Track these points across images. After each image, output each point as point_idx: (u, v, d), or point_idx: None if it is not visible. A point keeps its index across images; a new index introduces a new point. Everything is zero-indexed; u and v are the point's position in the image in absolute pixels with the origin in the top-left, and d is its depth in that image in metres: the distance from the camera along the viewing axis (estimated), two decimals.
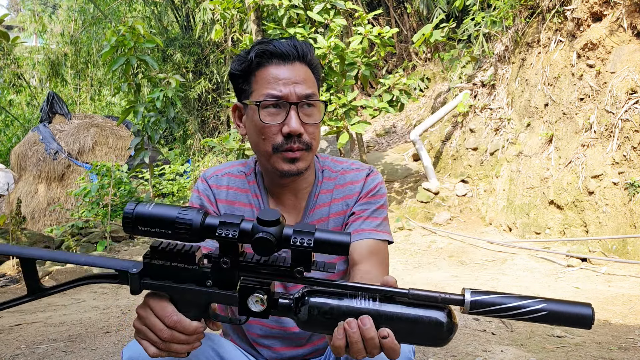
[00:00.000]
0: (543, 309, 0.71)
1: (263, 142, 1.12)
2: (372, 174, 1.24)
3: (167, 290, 0.80)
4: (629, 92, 4.36)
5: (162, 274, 0.80)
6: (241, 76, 1.14)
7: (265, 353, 1.23)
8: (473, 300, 0.73)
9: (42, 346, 2.82)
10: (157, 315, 0.79)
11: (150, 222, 0.75)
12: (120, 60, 5.34)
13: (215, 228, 0.75)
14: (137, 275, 0.80)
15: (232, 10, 6.55)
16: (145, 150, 5.90)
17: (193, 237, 0.75)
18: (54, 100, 10.92)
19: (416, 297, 0.74)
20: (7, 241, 5.34)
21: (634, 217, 3.96)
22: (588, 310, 0.70)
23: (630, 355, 2.28)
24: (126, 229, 0.77)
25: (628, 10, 4.63)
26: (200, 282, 0.79)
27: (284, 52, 1.10)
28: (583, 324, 0.70)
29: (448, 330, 0.74)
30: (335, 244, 0.73)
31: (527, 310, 0.71)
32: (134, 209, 0.76)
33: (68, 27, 14.70)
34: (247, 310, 0.79)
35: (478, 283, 3.82)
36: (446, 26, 6.82)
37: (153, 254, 0.80)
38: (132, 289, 0.81)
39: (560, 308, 0.71)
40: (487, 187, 6.13)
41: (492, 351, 2.39)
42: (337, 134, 6.38)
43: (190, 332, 0.80)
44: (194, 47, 11.70)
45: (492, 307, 0.72)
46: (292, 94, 1.09)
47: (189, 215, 0.75)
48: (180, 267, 0.79)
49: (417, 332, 0.75)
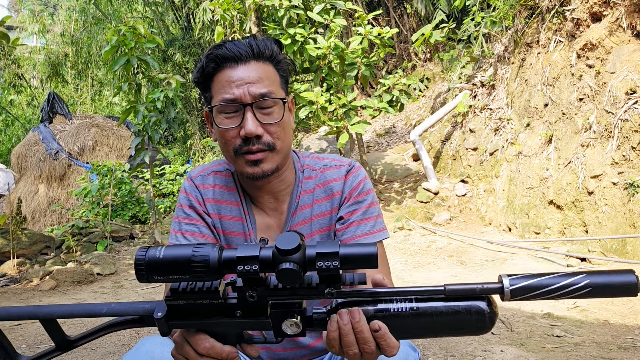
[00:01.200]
0: (587, 285, 0.68)
1: (225, 147, 1.10)
2: (353, 170, 1.19)
3: (197, 327, 0.78)
4: (628, 92, 4.36)
5: (189, 313, 0.77)
6: (201, 83, 1.12)
7: (263, 354, 1.22)
8: (513, 288, 0.70)
9: (42, 346, 2.83)
10: (189, 344, 0.78)
11: (164, 269, 0.72)
12: (121, 61, 5.34)
13: (234, 263, 0.71)
14: (163, 319, 0.77)
15: (232, 11, 6.56)
16: (145, 150, 5.90)
17: (212, 276, 0.72)
18: (54, 100, 10.93)
19: (453, 293, 0.73)
20: (8, 241, 5.34)
21: (633, 217, 3.97)
22: (632, 277, 0.68)
23: (630, 354, 2.29)
24: (140, 279, 0.73)
25: (627, 10, 4.64)
26: (229, 315, 0.77)
27: (236, 54, 1.06)
28: (629, 292, 0.68)
29: (490, 319, 0.73)
30: (362, 258, 0.70)
31: (572, 289, 0.69)
32: (146, 256, 0.72)
33: (68, 27, 14.71)
34: (282, 333, 0.77)
35: None
36: (446, 26, 6.83)
37: (175, 295, 0.77)
38: (161, 332, 0.79)
39: (604, 280, 0.69)
40: (486, 187, 6.14)
41: (491, 351, 2.39)
42: (337, 134, 6.38)
43: (224, 358, 0.78)
44: (194, 48, 11.71)
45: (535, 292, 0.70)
46: (246, 95, 1.05)
47: (204, 253, 0.71)
48: (205, 303, 0.76)
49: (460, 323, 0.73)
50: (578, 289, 0.69)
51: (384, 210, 6.28)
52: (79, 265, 5.00)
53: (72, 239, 5.84)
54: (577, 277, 0.69)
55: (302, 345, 1.21)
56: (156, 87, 5.88)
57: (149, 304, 0.80)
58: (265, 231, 1.19)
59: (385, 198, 6.64)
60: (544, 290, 0.69)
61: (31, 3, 17.28)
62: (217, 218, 1.20)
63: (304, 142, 9.42)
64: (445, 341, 2.55)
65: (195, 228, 1.18)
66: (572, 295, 0.69)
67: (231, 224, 1.19)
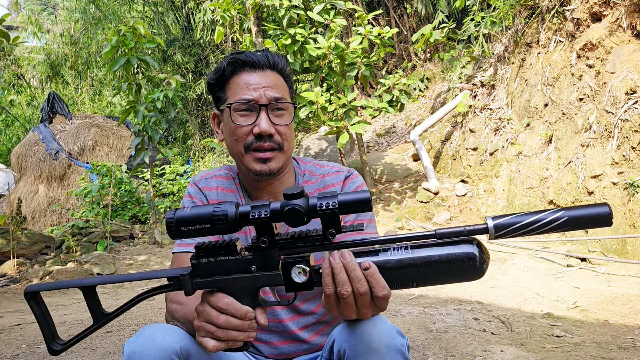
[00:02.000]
0: (562, 216, 0.73)
1: (236, 143, 1.19)
2: (352, 176, 1.28)
3: (217, 284, 0.86)
4: (628, 92, 4.36)
5: (210, 271, 0.86)
6: (217, 84, 1.23)
7: (265, 349, 1.25)
8: (496, 224, 0.75)
9: (42, 346, 2.83)
10: (210, 304, 0.85)
11: (190, 222, 0.82)
12: (121, 61, 5.34)
13: (248, 214, 0.81)
14: (188, 277, 0.86)
15: (232, 12, 6.55)
16: (145, 150, 5.90)
17: (230, 226, 0.82)
18: (54, 100, 10.92)
19: (443, 235, 0.79)
20: (8, 241, 5.34)
21: (633, 217, 3.97)
22: (605, 208, 0.73)
23: (630, 355, 2.29)
24: (171, 234, 0.84)
25: (627, 10, 4.64)
26: (246, 270, 0.85)
27: (255, 61, 1.19)
28: (603, 222, 0.73)
29: (481, 261, 0.78)
30: (358, 202, 0.78)
31: (548, 220, 0.73)
32: (175, 215, 0.83)
33: (68, 28, 14.71)
34: (292, 285, 0.84)
35: (477, 282, 3.83)
36: (446, 26, 6.83)
37: (198, 253, 0.86)
38: (186, 290, 0.87)
39: (580, 213, 0.73)
40: (486, 187, 6.14)
41: (491, 351, 2.39)
42: (337, 134, 6.38)
43: (242, 315, 0.84)
44: (194, 48, 11.71)
45: (515, 226, 0.75)
46: (262, 97, 1.16)
47: (223, 208, 0.82)
48: (225, 260, 0.86)
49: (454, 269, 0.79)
50: (553, 221, 0.73)
51: (384, 210, 6.28)
52: (79, 265, 5.00)
53: (72, 239, 5.84)
54: (556, 213, 0.74)
55: (301, 339, 1.24)
56: (156, 87, 5.88)
57: (175, 269, 0.89)
58: None
59: (385, 198, 6.64)
60: (524, 224, 0.74)
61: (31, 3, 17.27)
62: None
63: (304, 142, 9.42)
64: (445, 341, 2.55)
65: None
66: (552, 227, 0.73)
67: None
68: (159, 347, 0.94)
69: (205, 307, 0.85)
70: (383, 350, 0.93)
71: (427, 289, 3.70)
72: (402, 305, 3.29)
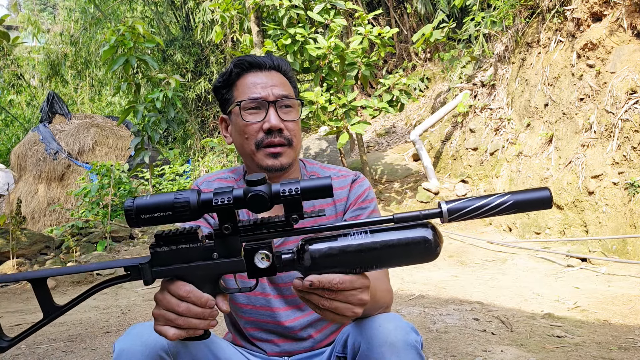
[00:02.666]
0: (508, 200, 0.79)
1: (247, 142, 1.21)
2: (359, 180, 1.30)
3: (178, 272, 0.84)
4: (629, 92, 4.36)
5: (171, 259, 0.84)
6: (224, 87, 1.27)
7: (267, 347, 1.25)
8: (449, 208, 0.80)
9: (42, 346, 2.82)
10: (170, 292, 0.83)
11: (150, 209, 0.80)
12: (120, 60, 5.34)
13: (210, 201, 0.81)
14: (147, 266, 0.84)
15: (232, 11, 6.55)
16: (145, 150, 5.90)
17: (192, 214, 0.81)
18: (54, 100, 10.92)
19: (401, 220, 0.82)
20: (8, 241, 5.34)
21: (633, 217, 3.96)
22: (546, 192, 0.79)
23: (630, 355, 2.28)
24: (130, 222, 0.81)
25: (628, 10, 4.63)
26: (207, 258, 0.84)
27: (261, 62, 1.24)
28: (544, 205, 0.80)
29: (435, 244, 0.82)
30: (319, 188, 0.80)
31: (495, 204, 0.79)
32: (134, 202, 0.81)
33: (68, 27, 14.70)
34: (255, 271, 0.84)
35: (478, 283, 3.82)
36: (446, 26, 6.82)
37: (158, 241, 0.84)
38: (145, 279, 0.85)
39: (523, 196, 0.79)
40: (487, 187, 6.13)
41: (492, 351, 2.39)
42: (337, 134, 6.38)
43: (203, 303, 0.83)
44: (194, 48, 11.70)
45: (466, 209, 0.80)
46: (270, 95, 1.20)
47: (185, 195, 0.81)
48: (186, 248, 0.84)
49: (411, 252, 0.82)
50: (500, 204, 0.79)
51: (385, 211, 6.28)
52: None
53: (71, 239, 5.83)
54: (503, 197, 0.80)
55: (302, 337, 1.24)
56: (155, 87, 5.87)
57: (134, 259, 0.86)
58: None
59: (385, 198, 6.64)
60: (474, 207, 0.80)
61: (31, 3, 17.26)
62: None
63: (304, 142, 9.41)
64: (445, 341, 2.55)
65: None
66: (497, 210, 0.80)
67: None
68: (146, 343, 0.95)
69: (164, 295, 0.84)
70: (399, 345, 0.95)
71: (428, 289, 3.70)
72: (402, 306, 3.28)
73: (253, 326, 1.24)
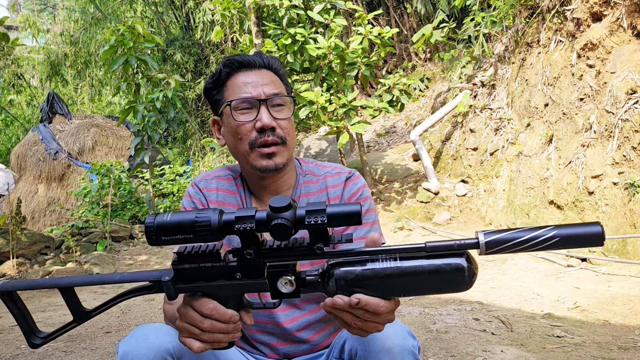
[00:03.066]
0: (555, 236, 0.72)
1: (240, 142, 1.19)
2: (353, 177, 1.28)
3: (200, 290, 0.84)
4: (629, 92, 4.36)
5: (193, 276, 0.83)
6: (214, 88, 1.25)
7: (267, 350, 1.24)
8: (488, 241, 0.74)
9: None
10: (194, 309, 0.83)
11: (171, 230, 0.79)
12: (120, 60, 5.34)
13: (232, 223, 0.78)
14: (170, 283, 0.83)
15: (232, 11, 6.55)
16: (145, 150, 5.90)
17: (213, 236, 0.79)
18: (54, 100, 10.92)
19: (434, 249, 0.77)
20: (8, 241, 5.34)
21: (634, 217, 3.96)
22: (598, 227, 0.72)
23: (630, 355, 2.29)
24: (150, 241, 0.80)
25: (628, 10, 4.63)
26: (230, 277, 0.83)
27: (250, 61, 1.22)
28: (595, 242, 0.72)
29: (470, 274, 0.77)
30: (347, 215, 0.76)
31: (541, 239, 0.73)
32: (154, 221, 0.79)
33: (68, 27, 14.70)
34: (278, 294, 0.82)
35: (478, 283, 3.81)
36: (446, 26, 6.82)
37: (181, 259, 0.83)
38: (168, 295, 0.84)
39: (571, 231, 0.73)
40: (487, 187, 6.13)
41: (492, 351, 2.39)
42: (337, 134, 6.38)
43: (227, 320, 0.83)
44: (194, 48, 11.70)
45: (507, 244, 0.74)
46: (261, 94, 1.18)
47: (206, 216, 0.79)
48: (208, 267, 0.83)
49: (442, 281, 0.77)
50: (547, 239, 0.73)
51: (385, 211, 6.28)
52: (79, 265, 5.00)
53: (71, 239, 5.83)
54: (545, 229, 0.73)
55: (301, 339, 1.23)
56: (155, 87, 5.87)
57: (157, 272, 0.85)
58: None
59: (385, 198, 6.64)
60: (516, 242, 0.73)
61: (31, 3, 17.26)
62: None
63: (304, 142, 9.41)
64: (445, 341, 2.55)
65: None
66: (542, 246, 0.73)
67: None
68: (151, 346, 0.94)
69: (188, 310, 0.84)
70: (395, 350, 0.94)
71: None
72: (402, 306, 3.28)
73: (253, 327, 1.23)
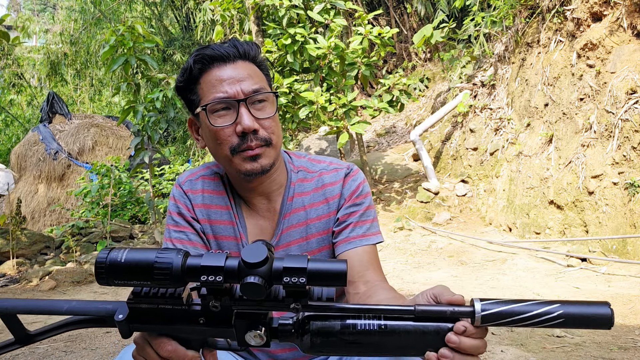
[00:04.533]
0: (560, 315, 0.66)
1: (220, 147, 1.07)
2: (352, 173, 1.18)
3: (159, 331, 0.76)
4: (629, 92, 4.36)
5: (151, 316, 0.74)
6: (186, 87, 1.11)
7: (262, 356, 1.21)
8: (484, 314, 0.67)
9: (42, 346, 2.82)
10: (151, 346, 0.76)
11: (125, 273, 0.68)
12: (120, 60, 5.33)
13: (198, 271, 0.68)
14: (124, 322, 0.74)
15: (232, 11, 6.55)
16: (145, 150, 5.90)
17: (175, 283, 0.69)
18: (54, 100, 10.92)
19: (423, 314, 0.69)
20: (8, 241, 5.34)
21: (633, 217, 3.96)
22: (606, 309, 0.66)
23: (630, 355, 2.28)
24: (100, 281, 0.70)
25: (628, 10, 4.63)
26: (193, 321, 0.74)
27: (224, 53, 1.07)
28: (603, 325, 0.66)
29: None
30: (331, 275, 0.66)
31: (545, 318, 0.66)
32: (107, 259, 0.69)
33: (68, 27, 14.70)
34: (246, 344, 0.74)
35: (478, 283, 3.82)
36: (446, 26, 6.82)
37: (137, 298, 0.74)
38: (122, 334, 0.76)
39: (578, 311, 0.66)
40: (487, 187, 6.13)
41: (492, 351, 2.39)
42: (337, 134, 6.38)
43: None
44: (194, 48, 11.69)
45: (507, 319, 0.67)
46: (239, 92, 1.05)
47: (168, 259, 0.68)
48: (168, 309, 0.74)
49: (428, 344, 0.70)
50: (551, 319, 0.66)
51: (385, 211, 6.28)
52: (79, 265, 4.99)
53: (71, 239, 5.84)
54: (551, 306, 0.66)
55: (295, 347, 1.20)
56: (155, 87, 5.87)
57: (111, 304, 0.77)
58: (257, 234, 1.18)
59: (385, 198, 6.64)
60: (516, 319, 0.67)
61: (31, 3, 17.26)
62: (207, 223, 1.18)
63: (304, 142, 9.41)
64: None
65: (183, 235, 1.17)
66: (545, 324, 0.67)
67: (222, 229, 1.17)
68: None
69: (145, 347, 0.76)
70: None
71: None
72: None
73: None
